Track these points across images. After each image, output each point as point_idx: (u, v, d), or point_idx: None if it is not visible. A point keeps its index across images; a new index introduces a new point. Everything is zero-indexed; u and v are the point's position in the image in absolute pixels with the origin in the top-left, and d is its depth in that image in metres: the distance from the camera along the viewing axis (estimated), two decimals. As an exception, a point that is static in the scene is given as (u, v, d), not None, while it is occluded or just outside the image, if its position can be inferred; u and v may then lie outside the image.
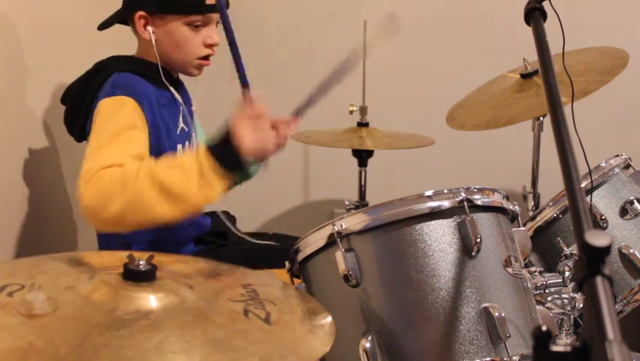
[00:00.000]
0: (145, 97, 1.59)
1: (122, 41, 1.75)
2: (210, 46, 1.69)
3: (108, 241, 1.69)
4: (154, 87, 1.65)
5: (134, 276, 0.99)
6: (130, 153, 1.44)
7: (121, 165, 1.38)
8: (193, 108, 1.82)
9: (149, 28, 1.64)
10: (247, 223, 1.85)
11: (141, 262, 1.00)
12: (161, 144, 1.62)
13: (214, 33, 1.68)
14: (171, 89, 1.70)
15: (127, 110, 1.54)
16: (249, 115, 1.40)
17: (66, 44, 2.00)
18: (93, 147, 1.47)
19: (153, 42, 1.64)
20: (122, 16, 1.69)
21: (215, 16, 1.67)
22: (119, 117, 1.52)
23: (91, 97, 1.61)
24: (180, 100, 1.73)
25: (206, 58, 1.70)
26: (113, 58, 1.70)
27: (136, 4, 1.65)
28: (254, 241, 1.78)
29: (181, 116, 1.73)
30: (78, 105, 1.65)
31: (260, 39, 2.69)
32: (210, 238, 1.81)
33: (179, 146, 1.70)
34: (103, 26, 1.72)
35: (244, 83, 1.48)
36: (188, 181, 1.35)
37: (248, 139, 1.37)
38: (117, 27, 1.73)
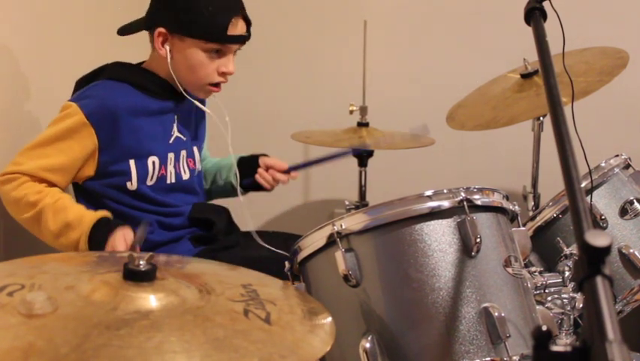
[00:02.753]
0: (108, 110, 1.62)
1: (127, 44, 1.76)
2: (224, 74, 1.70)
3: None
4: (144, 96, 1.68)
5: (134, 276, 0.99)
6: (47, 168, 1.61)
7: (35, 181, 1.59)
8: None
9: (167, 47, 1.66)
10: (247, 223, 1.85)
11: (141, 262, 1.00)
12: (140, 148, 1.66)
13: (230, 62, 1.70)
14: (183, 98, 1.72)
15: (74, 121, 1.60)
16: (125, 240, 1.56)
17: (68, 46, 2.00)
18: (33, 143, 1.62)
19: (168, 60, 1.66)
20: (143, 27, 1.71)
21: (234, 47, 1.69)
22: (62, 126, 1.61)
23: None
24: (173, 111, 1.75)
25: (217, 85, 1.72)
26: (116, 63, 1.72)
27: (160, 19, 1.66)
28: (265, 245, 1.77)
29: (176, 125, 1.75)
30: None
31: (260, 39, 2.69)
32: (215, 238, 1.80)
33: (171, 155, 1.72)
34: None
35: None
36: (61, 241, 1.59)
37: (117, 248, 1.55)
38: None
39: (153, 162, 1.69)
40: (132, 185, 1.67)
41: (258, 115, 2.67)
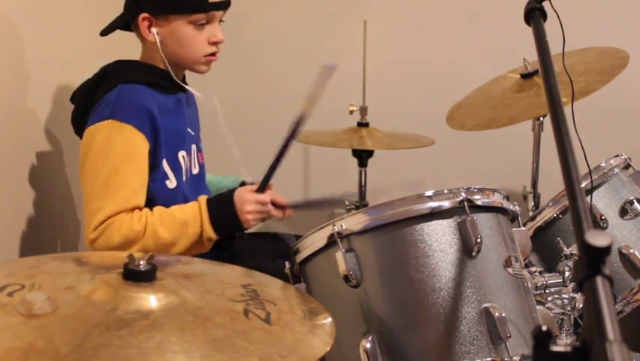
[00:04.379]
0: (146, 112, 1.59)
1: (125, 42, 1.75)
2: (215, 43, 1.68)
3: None
4: (159, 94, 1.65)
5: (134, 276, 0.99)
6: (136, 190, 1.57)
7: (129, 213, 1.54)
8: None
9: (154, 30, 1.64)
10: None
11: (141, 262, 1.00)
12: (170, 145, 1.64)
13: (218, 31, 1.68)
14: (192, 91, 1.70)
15: (125, 138, 1.56)
16: (257, 200, 1.60)
17: (69, 45, 2.00)
18: (101, 181, 1.55)
19: (158, 43, 1.64)
20: (124, 20, 1.68)
21: (219, 13, 1.67)
22: (117, 149, 1.56)
23: (95, 103, 1.62)
24: (185, 103, 1.73)
25: (212, 54, 1.70)
26: (120, 63, 1.69)
27: (139, 7, 1.64)
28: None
29: (186, 120, 1.74)
30: (83, 109, 1.65)
31: (260, 39, 2.70)
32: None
33: (183, 153, 1.69)
34: (105, 32, 1.71)
35: (268, 179, 1.63)
36: (186, 244, 1.57)
37: (251, 223, 1.61)
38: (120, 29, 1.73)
39: (183, 157, 1.69)
40: (171, 183, 1.66)
41: (258, 115, 2.67)
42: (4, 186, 1.73)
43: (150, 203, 1.61)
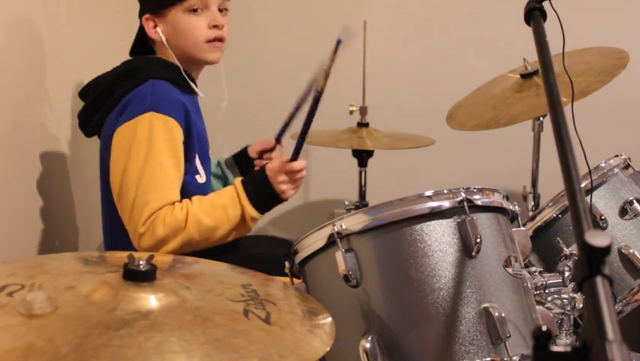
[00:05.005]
0: (182, 106, 1.60)
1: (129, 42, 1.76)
2: (215, 27, 1.68)
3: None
4: (183, 94, 1.66)
5: (134, 276, 0.99)
6: (177, 184, 1.59)
7: (171, 205, 1.55)
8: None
9: (159, 29, 1.66)
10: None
11: (141, 262, 1.00)
12: (194, 147, 1.64)
13: (216, 14, 1.68)
14: (196, 90, 1.70)
15: (168, 130, 1.57)
16: (287, 170, 1.62)
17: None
18: (142, 179, 1.54)
19: (165, 42, 1.66)
20: (141, 29, 1.71)
21: None
22: (160, 142, 1.56)
23: (117, 97, 1.61)
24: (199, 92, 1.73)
25: (215, 40, 1.69)
26: (144, 59, 1.69)
27: (142, 9, 1.68)
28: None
29: (200, 116, 1.74)
30: (100, 103, 1.65)
31: (259, 39, 2.69)
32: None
33: (198, 156, 1.67)
34: (133, 52, 1.74)
35: (299, 149, 1.66)
36: (229, 227, 1.59)
37: (288, 192, 1.65)
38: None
39: (205, 154, 1.71)
40: (201, 178, 1.67)
41: (258, 115, 2.67)
42: (4, 186, 1.73)
43: (182, 196, 1.61)
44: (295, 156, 1.64)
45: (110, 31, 1.70)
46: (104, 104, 1.64)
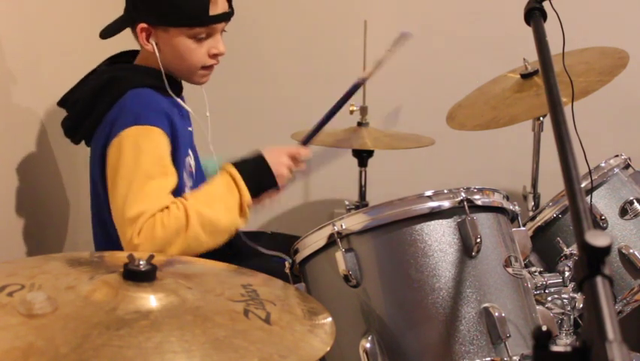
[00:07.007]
0: (164, 114, 1.57)
1: (119, 42, 1.74)
2: (215, 56, 1.64)
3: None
4: (165, 98, 1.62)
5: (134, 276, 0.99)
6: (168, 191, 1.53)
7: (167, 208, 1.48)
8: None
9: (152, 41, 1.60)
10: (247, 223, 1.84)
11: (141, 262, 1.00)
12: (180, 152, 1.60)
13: (219, 43, 1.64)
14: (178, 99, 1.66)
15: (152, 140, 1.53)
16: (294, 152, 1.61)
17: (61, 46, 1.99)
18: (131, 193, 1.48)
19: (157, 53, 1.60)
20: (124, 26, 1.65)
21: (220, 26, 1.63)
22: (147, 154, 1.51)
23: (100, 112, 1.57)
24: (185, 107, 1.69)
25: (209, 67, 1.66)
26: (123, 69, 1.65)
27: (138, 15, 1.60)
28: (264, 251, 1.74)
29: (185, 120, 1.70)
30: (83, 116, 1.61)
31: (259, 39, 2.69)
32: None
33: (188, 159, 1.65)
34: (105, 35, 1.66)
35: (314, 135, 1.65)
36: (231, 216, 1.53)
37: (285, 176, 1.60)
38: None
39: (189, 161, 1.66)
40: (189, 181, 1.64)
41: (258, 115, 2.67)
42: (4, 186, 1.73)
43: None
44: (307, 140, 1.61)
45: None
46: (87, 117, 1.60)
